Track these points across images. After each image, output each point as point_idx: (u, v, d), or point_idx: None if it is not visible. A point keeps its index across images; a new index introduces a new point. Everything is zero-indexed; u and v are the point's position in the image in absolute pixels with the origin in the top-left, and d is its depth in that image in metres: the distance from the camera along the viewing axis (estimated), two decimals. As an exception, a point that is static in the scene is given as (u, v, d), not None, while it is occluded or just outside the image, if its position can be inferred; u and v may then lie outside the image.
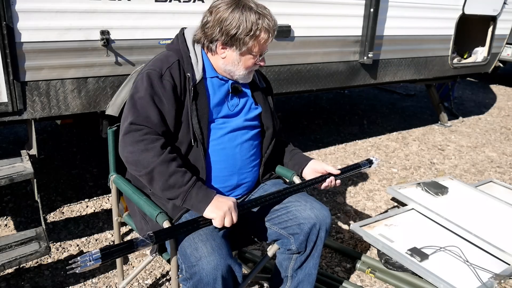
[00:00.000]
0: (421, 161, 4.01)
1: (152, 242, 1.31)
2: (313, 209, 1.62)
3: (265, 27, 1.51)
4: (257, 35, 1.52)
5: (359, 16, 3.34)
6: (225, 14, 1.50)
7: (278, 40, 2.96)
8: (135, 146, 1.43)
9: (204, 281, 1.34)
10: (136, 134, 1.44)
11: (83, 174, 3.30)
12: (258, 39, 1.53)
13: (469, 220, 2.68)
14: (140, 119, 1.46)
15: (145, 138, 1.43)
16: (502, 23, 4.62)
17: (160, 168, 1.41)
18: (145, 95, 1.48)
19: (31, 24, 2.09)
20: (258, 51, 1.56)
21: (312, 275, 1.70)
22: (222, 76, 1.63)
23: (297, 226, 1.61)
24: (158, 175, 1.42)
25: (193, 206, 1.43)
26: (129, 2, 2.31)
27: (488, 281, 2.15)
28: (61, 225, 2.64)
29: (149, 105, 1.47)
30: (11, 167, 2.17)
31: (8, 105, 2.13)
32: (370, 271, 2.31)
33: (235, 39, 1.51)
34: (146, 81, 1.50)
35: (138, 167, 1.44)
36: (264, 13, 1.53)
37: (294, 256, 1.68)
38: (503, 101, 6.60)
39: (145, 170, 1.42)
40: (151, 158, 1.41)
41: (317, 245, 1.65)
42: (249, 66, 1.60)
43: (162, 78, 1.51)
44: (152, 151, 1.42)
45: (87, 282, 2.16)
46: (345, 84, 3.56)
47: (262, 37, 1.53)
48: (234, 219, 1.43)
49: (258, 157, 1.74)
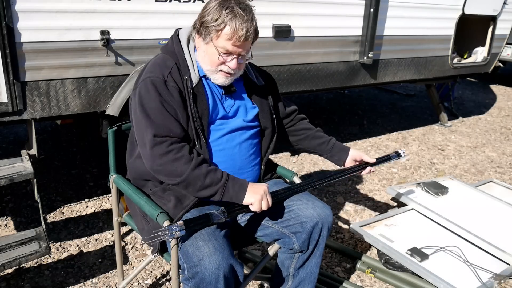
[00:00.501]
0: (421, 161, 4.01)
1: (224, 218, 1.43)
2: (316, 208, 1.63)
3: (232, 25, 1.45)
4: (220, 28, 1.47)
5: (359, 16, 3.34)
6: (209, 4, 1.51)
7: (278, 40, 2.96)
8: (164, 157, 1.46)
9: (206, 281, 1.35)
10: (162, 146, 1.46)
11: (83, 174, 3.30)
12: (221, 32, 1.47)
13: (469, 220, 2.68)
14: (161, 130, 1.47)
15: (172, 148, 1.46)
16: (502, 23, 4.62)
17: (194, 173, 1.46)
18: (157, 105, 1.49)
19: (31, 24, 2.09)
20: (223, 48, 1.49)
21: (313, 274, 1.71)
22: None
23: (299, 225, 1.61)
24: (193, 180, 1.46)
25: (232, 197, 1.48)
26: (129, 2, 2.31)
27: (488, 281, 2.15)
28: (61, 225, 2.64)
29: (164, 115, 1.49)
30: (11, 167, 2.17)
31: (8, 105, 2.13)
32: (370, 271, 2.31)
33: (203, 27, 1.51)
34: (152, 89, 1.50)
35: (172, 177, 1.48)
36: (240, 14, 1.46)
37: (296, 255, 1.68)
38: (503, 101, 6.60)
39: (180, 178, 1.46)
40: (183, 166, 1.45)
41: (319, 244, 1.65)
42: (214, 63, 1.53)
43: (167, 84, 1.51)
44: (182, 159, 1.46)
45: (87, 282, 2.16)
46: (345, 84, 3.56)
47: (224, 33, 1.46)
48: (269, 202, 1.49)
49: (258, 156, 1.74)
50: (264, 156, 1.76)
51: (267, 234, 1.69)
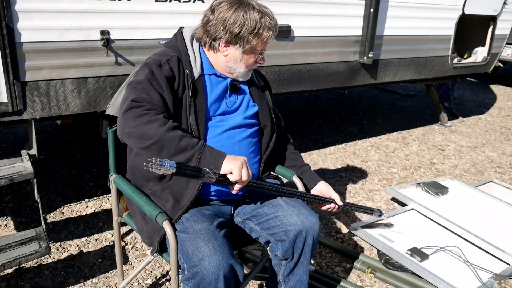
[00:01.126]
0: (421, 161, 4.01)
1: (215, 177, 1.36)
2: (300, 216, 1.60)
3: (268, 25, 1.55)
4: (260, 33, 1.55)
5: (359, 16, 3.34)
6: (229, 13, 1.52)
7: (278, 40, 2.96)
8: (138, 120, 1.40)
9: (206, 281, 1.35)
10: (138, 109, 1.41)
11: (83, 174, 3.30)
12: (261, 37, 1.56)
13: (469, 220, 2.68)
14: (141, 97, 1.44)
15: (148, 112, 1.41)
16: (502, 23, 4.62)
17: (169, 134, 1.39)
18: (144, 80, 1.49)
19: (31, 24, 2.09)
20: (260, 49, 1.60)
21: (304, 281, 1.68)
22: (220, 74, 1.65)
23: (283, 233, 1.58)
24: (167, 141, 1.39)
25: (210, 163, 1.41)
26: (129, 2, 2.31)
27: (488, 281, 2.16)
28: (61, 225, 2.64)
29: (150, 88, 1.48)
30: (11, 167, 2.17)
31: (8, 105, 2.13)
32: (370, 271, 2.31)
33: (239, 37, 1.54)
34: (145, 69, 1.52)
35: (144, 140, 1.40)
36: (266, 12, 1.57)
37: (283, 262, 1.66)
38: (503, 101, 6.60)
39: (152, 140, 1.38)
40: (157, 128, 1.39)
41: (305, 252, 1.61)
42: (249, 64, 1.63)
43: (161, 67, 1.53)
44: (156, 121, 1.40)
45: (87, 282, 2.16)
46: (345, 84, 3.56)
47: (265, 36, 1.57)
48: (249, 173, 1.43)
49: (257, 154, 1.74)
50: (264, 155, 1.76)
51: (259, 237, 1.68)
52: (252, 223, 1.67)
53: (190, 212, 1.55)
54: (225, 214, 1.68)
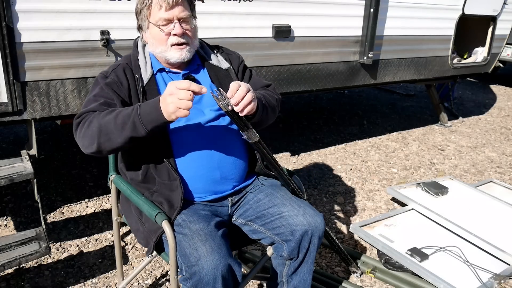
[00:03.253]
0: (421, 161, 4.01)
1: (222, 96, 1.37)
2: (306, 215, 1.59)
3: None
4: (149, 3, 1.52)
5: (359, 16, 3.34)
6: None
7: (278, 40, 2.96)
8: (81, 131, 1.44)
9: (204, 281, 1.34)
10: (79, 124, 1.46)
11: (83, 174, 3.30)
12: (151, 7, 1.52)
13: (469, 220, 2.68)
14: (82, 112, 1.48)
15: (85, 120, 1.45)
16: (502, 23, 4.62)
17: (104, 120, 1.39)
18: (91, 96, 1.53)
19: (31, 24, 2.09)
20: (160, 19, 1.51)
21: (307, 281, 1.68)
22: (169, 69, 1.63)
23: (289, 233, 1.58)
24: (107, 128, 1.38)
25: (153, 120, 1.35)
26: (129, 2, 2.31)
27: (488, 281, 2.16)
28: (61, 225, 2.64)
29: (91, 101, 1.51)
30: (11, 167, 2.17)
31: (8, 105, 2.13)
32: (370, 271, 2.31)
33: (139, 18, 1.58)
34: (94, 84, 1.58)
35: (93, 141, 1.41)
36: None
37: (287, 262, 1.65)
38: (503, 101, 6.60)
39: (97, 136, 1.39)
40: (94, 123, 1.41)
41: (310, 252, 1.61)
42: (163, 40, 1.54)
43: (107, 78, 1.56)
44: (92, 119, 1.42)
45: (87, 282, 2.16)
46: (345, 84, 3.56)
47: (154, 4, 1.51)
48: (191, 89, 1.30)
49: (238, 145, 1.66)
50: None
51: (262, 238, 1.67)
52: (256, 224, 1.66)
53: (187, 213, 1.53)
54: (222, 214, 1.66)
